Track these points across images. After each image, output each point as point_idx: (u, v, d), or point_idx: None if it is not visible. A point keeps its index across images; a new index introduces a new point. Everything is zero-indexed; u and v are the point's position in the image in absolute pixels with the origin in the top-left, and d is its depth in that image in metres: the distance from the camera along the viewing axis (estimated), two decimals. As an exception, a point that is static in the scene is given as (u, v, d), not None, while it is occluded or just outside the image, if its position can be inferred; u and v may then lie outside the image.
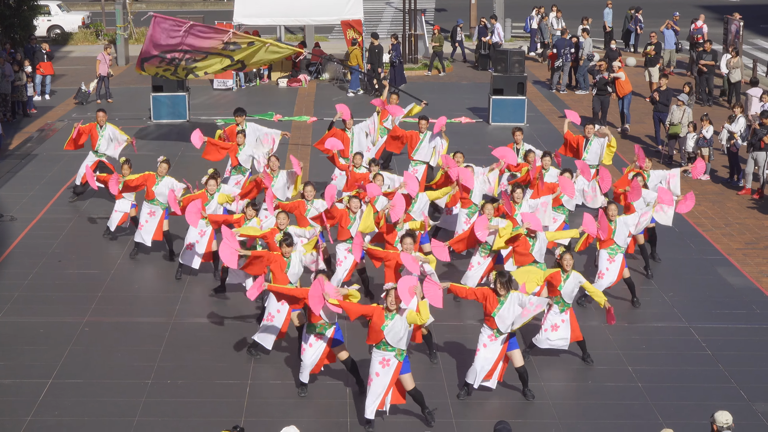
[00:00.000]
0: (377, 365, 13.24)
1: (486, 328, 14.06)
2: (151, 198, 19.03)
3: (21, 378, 14.82)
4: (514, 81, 30.22)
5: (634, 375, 15.12)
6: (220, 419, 13.51)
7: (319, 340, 13.98)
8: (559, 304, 15.05)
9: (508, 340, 14.08)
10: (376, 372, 13.24)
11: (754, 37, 45.58)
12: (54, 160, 25.78)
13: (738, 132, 24.53)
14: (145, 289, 18.38)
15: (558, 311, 15.07)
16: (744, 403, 14.30)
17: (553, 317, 15.10)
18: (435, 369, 15.13)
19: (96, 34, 45.99)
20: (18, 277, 18.52)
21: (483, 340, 14.09)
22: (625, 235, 17.10)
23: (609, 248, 17.06)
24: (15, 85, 30.20)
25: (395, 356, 13.18)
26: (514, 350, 14.17)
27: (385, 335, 13.04)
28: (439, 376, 14.96)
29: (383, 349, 13.17)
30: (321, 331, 13.93)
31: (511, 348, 14.14)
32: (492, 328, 13.98)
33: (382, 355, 13.20)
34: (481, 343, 14.11)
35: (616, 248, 17.06)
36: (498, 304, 13.85)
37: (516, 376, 14.42)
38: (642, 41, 40.00)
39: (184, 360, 15.50)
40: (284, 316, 15.05)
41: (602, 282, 16.98)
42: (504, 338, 14.02)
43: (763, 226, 21.75)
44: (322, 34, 44.29)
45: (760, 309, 17.53)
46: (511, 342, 14.11)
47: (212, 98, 33.65)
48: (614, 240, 16.96)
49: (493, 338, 14.01)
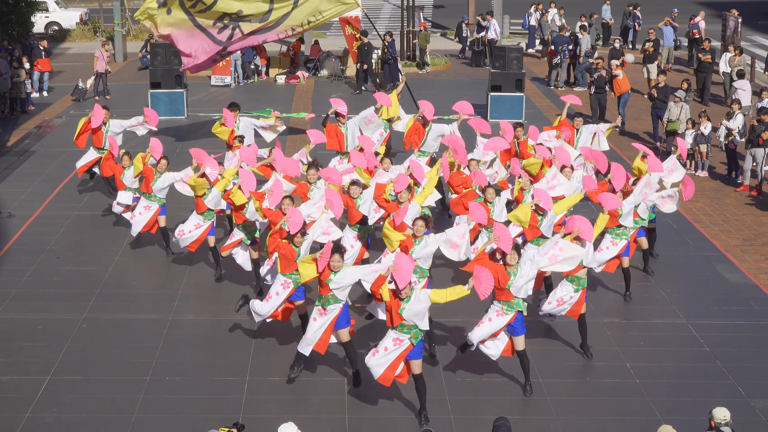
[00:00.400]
0: (389, 341, 13.27)
1: (495, 303, 14.05)
2: (149, 193, 19.04)
3: (19, 375, 14.82)
4: (512, 77, 30.20)
5: (632, 371, 15.13)
6: (218, 416, 13.50)
7: (323, 315, 13.99)
8: (574, 283, 15.08)
9: (516, 316, 14.04)
10: (385, 347, 13.29)
11: (752, 33, 45.59)
12: (52, 157, 25.77)
13: (736, 129, 24.53)
14: (143, 285, 18.37)
15: (572, 290, 15.11)
16: (742, 399, 14.31)
17: (564, 292, 15.16)
18: (434, 363, 15.11)
19: (94, 30, 45.96)
20: (16, 274, 18.52)
21: (490, 314, 14.11)
22: (631, 215, 17.06)
23: (615, 230, 17.06)
24: (13, 81, 30.20)
25: (410, 339, 13.23)
26: (520, 336, 14.18)
27: (403, 315, 13.09)
28: (438, 373, 14.95)
29: (399, 330, 13.22)
30: (325, 304, 13.94)
31: (518, 331, 14.14)
32: (502, 301, 13.95)
33: (397, 335, 13.25)
34: (487, 317, 14.12)
35: (622, 233, 17.08)
36: (511, 277, 13.87)
37: (518, 372, 14.42)
38: (640, 38, 40.00)
39: (182, 357, 15.50)
40: (278, 301, 15.04)
41: (598, 255, 16.97)
42: (512, 315, 14.00)
43: (761, 222, 21.76)
44: (320, 30, 44.26)
45: (758, 306, 17.54)
46: (518, 321, 14.06)
47: (210, 95, 33.64)
48: (620, 222, 16.95)
49: (501, 314, 14.03)
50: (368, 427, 13.57)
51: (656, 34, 35.00)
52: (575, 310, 15.30)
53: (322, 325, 14.01)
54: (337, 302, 13.97)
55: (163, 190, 18.93)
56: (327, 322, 14.01)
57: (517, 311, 14.03)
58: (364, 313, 15.73)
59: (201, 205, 17.93)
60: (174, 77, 30.39)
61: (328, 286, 13.83)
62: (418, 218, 15.29)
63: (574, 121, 21.69)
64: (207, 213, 18.00)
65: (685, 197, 18.49)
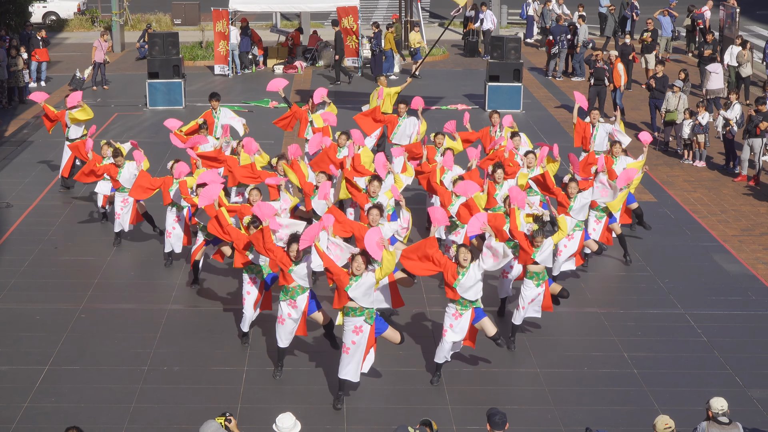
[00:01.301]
0: (351, 334, 13.37)
1: (450, 306, 14.04)
2: (119, 187, 18.99)
3: (17, 365, 14.83)
4: (510, 68, 30.19)
5: (630, 361, 15.15)
6: (216, 405, 13.51)
7: (294, 308, 14.04)
8: (533, 279, 15.06)
9: (474, 313, 14.01)
10: (352, 341, 13.38)
11: (750, 23, 45.53)
12: (50, 147, 25.74)
13: (734, 119, 24.53)
14: (141, 275, 18.37)
15: (534, 285, 15.10)
16: (739, 389, 14.33)
17: (529, 292, 15.14)
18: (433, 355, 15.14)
19: (92, 20, 45.90)
20: (14, 264, 18.52)
21: (449, 321, 14.05)
22: (585, 210, 17.32)
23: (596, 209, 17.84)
24: (11, 70, 30.16)
25: (365, 320, 13.33)
26: (482, 319, 14.11)
27: (349, 293, 13.17)
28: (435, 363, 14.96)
29: (352, 315, 13.30)
30: (293, 296, 13.99)
31: (478, 318, 14.08)
32: (454, 302, 13.93)
33: (353, 323, 13.33)
34: (447, 323, 14.06)
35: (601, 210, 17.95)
36: (459, 276, 13.83)
37: (514, 362, 14.44)
38: (638, 28, 39.93)
39: (180, 346, 15.52)
40: (254, 298, 15.15)
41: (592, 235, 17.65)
42: (469, 313, 13.96)
43: (759, 212, 21.77)
44: (318, 20, 44.21)
45: (756, 296, 17.56)
46: (477, 312, 14.04)
47: (208, 84, 33.58)
48: (572, 215, 17.06)
49: (458, 316, 13.98)
50: (365, 417, 13.59)
51: (654, 24, 34.93)
52: (547, 304, 15.31)
53: (296, 318, 14.14)
54: (304, 291, 14.08)
55: (130, 180, 18.79)
56: (299, 314, 14.12)
57: (472, 308, 14.00)
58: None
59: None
60: (172, 67, 30.37)
61: (290, 276, 13.88)
62: (372, 207, 15.43)
63: (591, 114, 21.39)
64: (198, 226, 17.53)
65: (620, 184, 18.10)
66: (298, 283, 13.97)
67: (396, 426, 11.15)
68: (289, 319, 14.13)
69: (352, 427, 13.34)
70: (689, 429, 12.16)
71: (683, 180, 23.90)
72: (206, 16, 41.87)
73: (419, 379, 14.43)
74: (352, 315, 13.36)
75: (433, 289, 17.30)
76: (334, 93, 31.36)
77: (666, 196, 22.51)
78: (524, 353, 15.32)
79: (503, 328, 15.28)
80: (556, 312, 16.41)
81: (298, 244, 13.77)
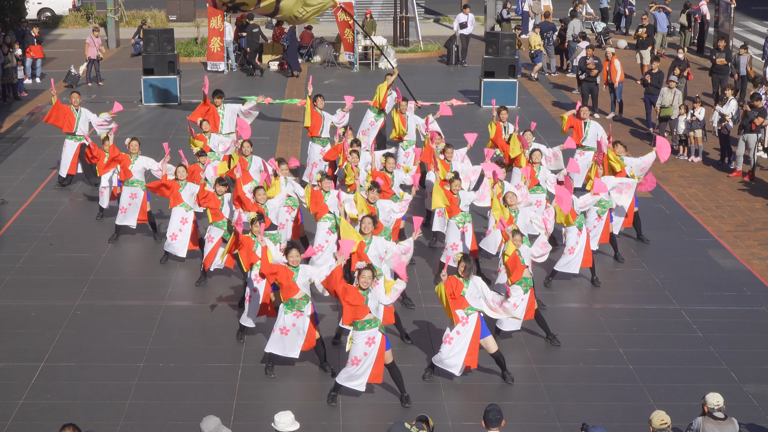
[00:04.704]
0: (363, 346, 13.29)
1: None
2: (129, 178, 19.01)
3: (13, 361, 14.82)
4: (505, 64, 30.20)
5: (625, 357, 15.16)
6: (212, 402, 13.53)
7: (300, 317, 14.00)
8: (521, 285, 15.03)
9: (479, 324, 13.90)
10: (364, 352, 13.32)
11: (746, 19, 45.56)
12: (45, 143, 25.72)
13: (729, 114, 24.54)
14: (136, 272, 18.36)
15: (522, 291, 15.08)
16: (735, 384, 14.36)
17: (516, 296, 15.10)
18: (428, 352, 15.15)
19: (86, 17, 45.84)
20: (9, 260, 18.50)
21: (456, 328, 13.89)
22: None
23: (600, 203, 18.00)
24: (5, 67, 30.11)
25: (379, 330, 13.35)
26: (486, 337, 14.07)
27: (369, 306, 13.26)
28: (430, 359, 14.96)
29: (367, 328, 13.26)
30: (300, 307, 13.97)
31: (483, 335, 14.02)
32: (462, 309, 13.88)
33: (366, 335, 13.27)
34: (454, 330, 13.91)
35: (604, 205, 18.09)
36: (463, 286, 13.83)
37: (509, 357, 14.43)
38: (634, 24, 39.98)
39: (176, 343, 15.52)
40: (260, 295, 15.07)
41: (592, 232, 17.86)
42: (475, 317, 13.87)
43: (754, 208, 21.80)
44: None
45: (751, 291, 17.58)
46: (482, 329, 13.97)
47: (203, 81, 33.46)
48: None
49: (465, 322, 13.86)
50: (362, 413, 13.60)
51: (649, 20, 34.90)
52: (530, 311, 15.26)
53: (303, 326, 14.05)
54: (309, 300, 14.09)
55: (140, 172, 18.90)
56: (306, 323, 14.05)
57: (477, 312, 13.94)
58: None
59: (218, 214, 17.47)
60: (167, 63, 30.31)
61: (295, 284, 13.84)
62: (365, 216, 15.37)
63: (581, 111, 21.41)
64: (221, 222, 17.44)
65: (662, 159, 19.15)
66: (303, 293, 13.96)
67: (392, 422, 11.14)
68: (294, 329, 14.06)
69: (348, 423, 13.35)
70: (685, 424, 12.19)
71: (678, 175, 23.92)
72: (201, 13, 41.82)
73: (415, 376, 14.43)
74: (367, 327, 13.29)
75: (429, 285, 17.31)
76: (329, 87, 31.43)
77: (661, 191, 22.52)
78: (520, 349, 15.33)
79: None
80: (552, 308, 16.42)
81: (297, 249, 13.88)
